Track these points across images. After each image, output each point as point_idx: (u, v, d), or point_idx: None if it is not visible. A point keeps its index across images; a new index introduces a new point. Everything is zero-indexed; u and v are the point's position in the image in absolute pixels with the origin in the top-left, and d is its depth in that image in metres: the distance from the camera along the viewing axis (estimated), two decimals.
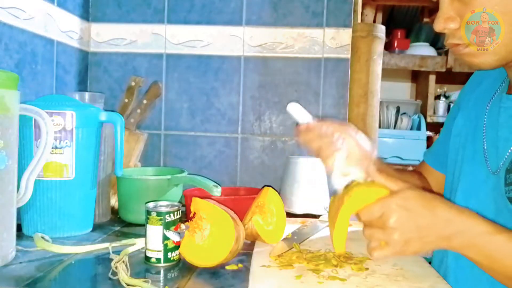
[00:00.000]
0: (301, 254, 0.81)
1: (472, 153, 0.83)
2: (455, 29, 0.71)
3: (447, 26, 0.71)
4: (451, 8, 0.71)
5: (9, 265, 0.76)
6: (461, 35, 0.71)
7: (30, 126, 0.91)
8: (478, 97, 0.86)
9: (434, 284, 0.70)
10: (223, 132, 1.37)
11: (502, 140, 0.77)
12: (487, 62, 0.71)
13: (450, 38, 0.73)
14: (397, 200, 0.66)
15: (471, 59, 0.72)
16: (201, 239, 0.77)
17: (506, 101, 0.79)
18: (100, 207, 1.08)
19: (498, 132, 0.78)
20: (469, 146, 0.84)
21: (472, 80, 0.93)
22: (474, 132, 0.83)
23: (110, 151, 1.09)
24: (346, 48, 1.34)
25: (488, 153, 0.79)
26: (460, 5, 0.70)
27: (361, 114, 1.42)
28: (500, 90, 0.82)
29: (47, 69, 1.16)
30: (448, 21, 0.71)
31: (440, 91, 2.68)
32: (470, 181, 0.81)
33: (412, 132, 2.51)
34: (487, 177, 0.78)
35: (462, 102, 0.91)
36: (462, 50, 0.72)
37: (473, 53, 0.71)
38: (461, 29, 0.70)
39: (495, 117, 0.80)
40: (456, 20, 0.71)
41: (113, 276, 0.71)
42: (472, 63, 0.73)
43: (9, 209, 0.77)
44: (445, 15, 0.71)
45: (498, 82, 0.84)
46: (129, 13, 1.37)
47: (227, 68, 1.36)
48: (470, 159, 0.83)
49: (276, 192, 0.95)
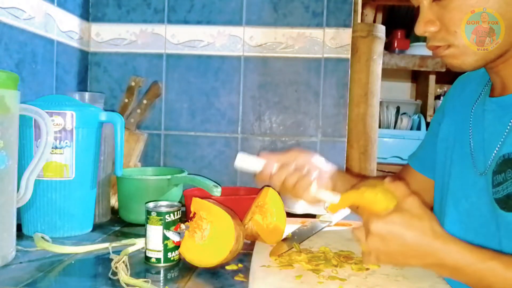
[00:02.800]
0: (301, 254, 0.81)
1: (459, 156, 0.84)
2: (435, 32, 0.74)
3: (427, 29, 0.74)
4: (431, 12, 0.74)
5: (9, 265, 0.76)
6: (441, 37, 0.73)
7: (30, 126, 0.91)
8: (463, 101, 0.88)
9: (434, 284, 0.70)
10: (223, 132, 1.37)
11: (487, 142, 0.78)
12: (468, 63, 0.73)
13: (431, 41, 0.75)
14: (378, 224, 0.66)
15: (451, 60, 0.75)
16: (201, 239, 0.77)
17: (489, 103, 0.80)
18: (100, 207, 1.08)
19: (484, 134, 0.79)
20: (457, 150, 0.85)
21: (456, 86, 0.94)
22: (461, 135, 0.85)
23: (110, 151, 1.09)
24: (346, 48, 1.34)
25: (475, 156, 0.80)
26: (438, 9, 0.73)
27: (361, 114, 1.42)
28: (484, 93, 0.83)
29: (47, 69, 1.16)
30: (428, 25, 0.74)
31: (440, 91, 2.68)
32: (459, 184, 0.82)
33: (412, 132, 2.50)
34: (475, 180, 0.79)
35: (447, 107, 0.93)
36: (443, 51, 0.74)
37: (453, 54, 0.74)
38: (441, 31, 0.73)
39: (480, 119, 0.81)
40: (436, 23, 0.73)
41: (113, 276, 0.71)
42: (453, 64, 0.75)
43: (9, 209, 0.77)
44: (425, 19, 0.74)
45: (481, 85, 0.85)
46: (129, 13, 1.37)
47: (227, 68, 1.36)
48: (458, 162, 0.84)
49: (276, 192, 0.95)
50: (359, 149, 1.42)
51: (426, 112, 2.58)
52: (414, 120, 2.56)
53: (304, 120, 1.36)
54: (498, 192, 0.73)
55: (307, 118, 1.36)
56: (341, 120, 1.35)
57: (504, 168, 0.72)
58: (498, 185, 0.73)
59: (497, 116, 0.78)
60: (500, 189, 0.72)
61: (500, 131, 0.75)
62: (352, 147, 1.41)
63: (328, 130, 1.35)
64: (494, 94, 0.81)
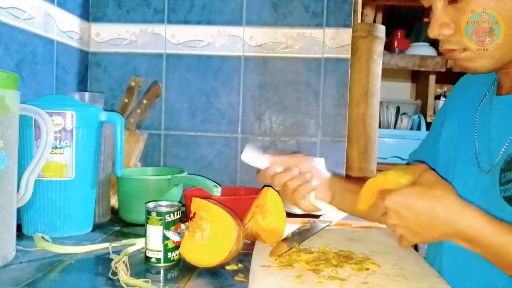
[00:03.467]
0: (301, 254, 0.81)
1: (464, 155, 0.83)
2: (449, 35, 0.72)
3: (442, 32, 0.73)
4: (445, 14, 0.72)
5: (9, 265, 0.76)
6: (456, 41, 0.72)
7: (30, 126, 0.91)
8: (467, 101, 0.88)
9: (434, 284, 0.70)
10: (223, 132, 1.37)
11: (495, 141, 0.77)
12: (483, 65, 0.73)
13: (445, 44, 0.74)
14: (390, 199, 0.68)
15: (467, 63, 0.74)
16: (201, 239, 0.77)
17: (497, 102, 0.80)
18: (100, 207, 1.08)
19: (491, 133, 0.79)
20: (461, 149, 0.84)
21: (459, 86, 0.94)
22: (465, 135, 0.84)
23: (110, 151, 1.09)
24: (346, 48, 1.34)
25: (479, 154, 0.80)
26: (454, 11, 0.71)
27: (361, 114, 1.42)
28: (490, 92, 0.83)
29: (47, 69, 1.16)
30: (443, 27, 0.72)
31: (440, 91, 2.68)
32: (463, 183, 0.82)
33: (412, 132, 2.50)
34: (479, 179, 0.79)
35: (450, 107, 0.92)
36: (458, 55, 0.73)
37: (469, 58, 0.73)
38: (456, 34, 0.72)
39: (487, 118, 0.80)
40: (450, 26, 0.72)
41: (113, 276, 0.71)
42: (468, 68, 0.74)
43: (9, 209, 0.77)
44: (439, 21, 0.72)
45: (487, 85, 0.85)
46: (129, 13, 1.37)
47: (227, 68, 1.36)
48: (462, 161, 0.84)
49: (276, 192, 0.95)
50: (359, 149, 1.42)
51: (426, 112, 2.58)
52: (414, 120, 2.56)
53: (304, 120, 1.36)
54: (508, 190, 0.72)
55: (307, 118, 1.36)
56: (341, 120, 1.35)
57: None
58: (506, 183, 0.72)
59: (505, 114, 0.77)
60: (510, 187, 0.72)
61: (508, 129, 0.75)
62: (352, 147, 1.41)
63: (328, 130, 1.35)
64: (501, 93, 0.80)
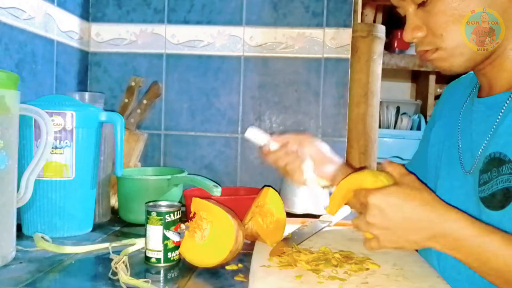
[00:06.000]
0: (301, 254, 0.81)
1: (448, 157, 0.85)
2: (422, 37, 0.75)
3: (415, 35, 0.75)
4: (416, 18, 0.74)
5: (9, 265, 0.76)
6: (428, 42, 0.74)
7: (30, 126, 0.91)
8: (452, 105, 0.89)
9: (434, 284, 0.70)
10: (223, 132, 1.37)
11: (475, 142, 0.78)
12: (456, 64, 0.74)
13: (419, 46, 0.76)
14: (376, 196, 0.68)
15: (440, 63, 0.75)
16: (201, 239, 0.77)
17: (477, 104, 0.81)
18: (100, 207, 1.08)
19: (472, 134, 0.80)
20: (446, 151, 0.86)
21: (446, 92, 0.96)
22: (450, 137, 0.86)
23: (110, 151, 1.09)
24: (346, 48, 1.34)
25: (463, 156, 0.81)
26: (424, 14, 0.74)
27: (361, 114, 1.42)
28: (472, 95, 0.84)
29: (47, 69, 1.16)
30: (415, 30, 0.75)
31: (440, 91, 2.67)
32: (448, 185, 0.83)
33: (412, 132, 2.50)
34: (463, 180, 0.79)
35: (437, 112, 0.94)
36: (431, 55, 0.75)
37: (442, 57, 0.74)
38: (428, 35, 0.74)
39: (468, 120, 0.82)
40: (422, 28, 0.74)
41: (113, 276, 0.71)
42: (443, 67, 0.76)
43: (9, 209, 0.77)
44: (411, 25, 0.75)
45: (469, 88, 0.87)
46: (129, 13, 1.37)
47: (227, 68, 1.36)
48: (446, 163, 0.85)
49: (276, 192, 0.95)
50: (359, 149, 1.42)
51: (426, 112, 2.58)
52: (414, 120, 2.56)
53: (304, 120, 1.36)
54: (484, 191, 0.73)
55: (307, 118, 1.36)
56: (341, 120, 1.35)
57: (490, 167, 0.73)
58: (484, 184, 0.73)
59: (484, 116, 0.78)
60: (486, 188, 0.73)
61: (487, 130, 0.76)
62: (352, 147, 1.41)
63: (328, 130, 1.35)
64: (481, 95, 0.82)
